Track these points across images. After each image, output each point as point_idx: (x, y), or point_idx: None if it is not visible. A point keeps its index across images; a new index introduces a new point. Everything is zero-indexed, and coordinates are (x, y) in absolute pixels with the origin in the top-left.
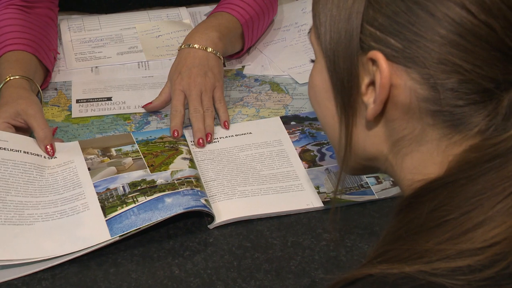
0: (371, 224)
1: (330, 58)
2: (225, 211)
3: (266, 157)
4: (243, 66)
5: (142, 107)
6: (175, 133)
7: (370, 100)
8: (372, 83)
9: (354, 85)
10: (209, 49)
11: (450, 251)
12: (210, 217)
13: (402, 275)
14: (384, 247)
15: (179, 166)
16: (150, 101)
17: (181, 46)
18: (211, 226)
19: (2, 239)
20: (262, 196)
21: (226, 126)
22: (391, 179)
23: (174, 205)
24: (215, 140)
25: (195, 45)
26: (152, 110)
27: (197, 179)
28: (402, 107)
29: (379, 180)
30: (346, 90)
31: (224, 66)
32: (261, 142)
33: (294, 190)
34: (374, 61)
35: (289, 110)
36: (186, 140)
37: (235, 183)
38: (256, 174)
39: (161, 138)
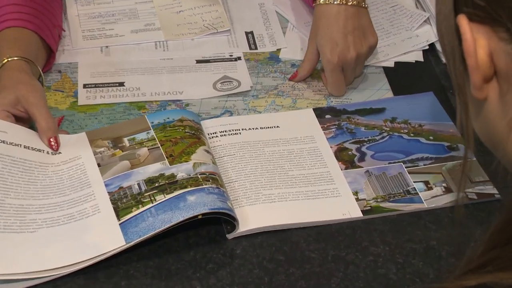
0: (427, 238)
1: (439, 32)
2: (250, 218)
3: (295, 155)
4: (279, 49)
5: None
6: None
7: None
8: None
9: (457, 59)
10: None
11: None
12: (231, 225)
13: None
14: (493, 253)
15: (202, 158)
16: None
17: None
18: (231, 236)
19: (1, 250)
20: (290, 202)
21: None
22: (444, 184)
23: (198, 204)
24: (236, 132)
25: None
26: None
27: (220, 178)
28: (506, 75)
29: (429, 186)
30: (452, 67)
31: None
32: (290, 137)
33: (328, 196)
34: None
35: (332, 102)
36: (203, 133)
37: (259, 184)
38: (284, 174)
39: (181, 120)
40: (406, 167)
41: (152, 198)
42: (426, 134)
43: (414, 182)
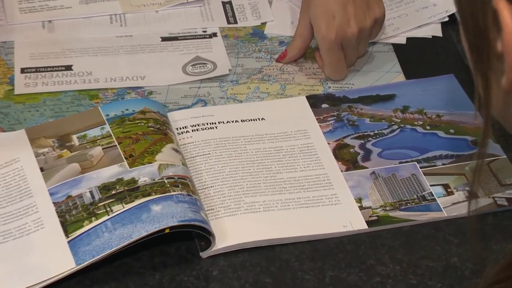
0: (447, 254)
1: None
2: (229, 232)
3: (285, 154)
4: (264, 23)
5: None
6: None
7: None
8: None
9: (484, 44)
10: None
11: None
12: (205, 240)
13: None
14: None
15: (170, 158)
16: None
17: None
18: (205, 254)
19: None
20: (278, 212)
21: None
22: (467, 188)
23: (164, 215)
24: (211, 126)
25: None
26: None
27: (192, 183)
28: None
29: (449, 190)
30: (476, 54)
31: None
32: (278, 132)
33: (325, 204)
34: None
35: (329, 88)
36: (170, 127)
37: (240, 191)
38: (270, 178)
39: (143, 112)
40: (421, 167)
41: (108, 209)
42: (446, 126)
43: (430, 185)
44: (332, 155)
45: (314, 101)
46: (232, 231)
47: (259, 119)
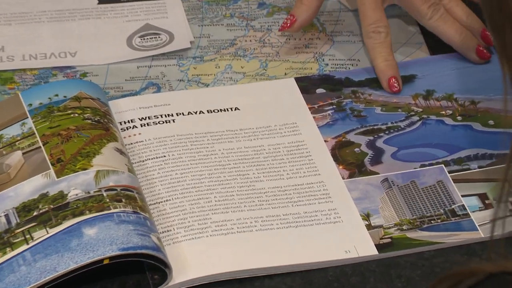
0: None
1: None
2: (191, 262)
3: (267, 155)
4: None
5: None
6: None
7: None
8: None
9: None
10: None
11: None
12: (159, 273)
13: None
14: None
15: (112, 163)
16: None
17: None
18: None
19: None
20: (259, 234)
21: None
22: None
23: (101, 241)
24: (167, 118)
25: None
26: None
27: (141, 196)
28: None
29: (487, 202)
30: (500, 37)
31: None
32: (258, 126)
33: (322, 222)
34: None
35: (326, 65)
36: (113, 120)
37: (206, 205)
38: (247, 188)
39: (77, 99)
40: (449, 172)
41: (28, 236)
42: (483, 116)
43: (462, 196)
44: (330, 156)
45: (306, 84)
46: (195, 260)
47: (231, 109)
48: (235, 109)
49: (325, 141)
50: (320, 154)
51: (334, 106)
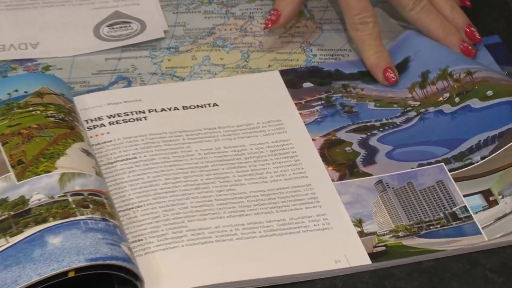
0: None
1: None
2: (165, 273)
3: (249, 156)
4: None
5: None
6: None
7: None
8: None
9: None
10: None
11: None
12: (131, 285)
13: None
14: None
15: (77, 164)
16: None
17: None
18: None
19: None
20: (239, 243)
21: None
22: None
23: (66, 251)
24: (138, 115)
25: None
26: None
27: (110, 202)
28: None
29: (491, 199)
30: None
31: None
32: (239, 124)
33: (309, 229)
34: None
35: (314, 56)
36: (78, 118)
37: (182, 212)
38: (227, 192)
39: (40, 94)
40: (450, 170)
41: None
42: (481, 88)
43: (464, 196)
44: (318, 156)
45: (292, 77)
46: (169, 272)
47: (209, 105)
48: (213, 105)
49: (313, 139)
50: (307, 154)
51: (323, 102)
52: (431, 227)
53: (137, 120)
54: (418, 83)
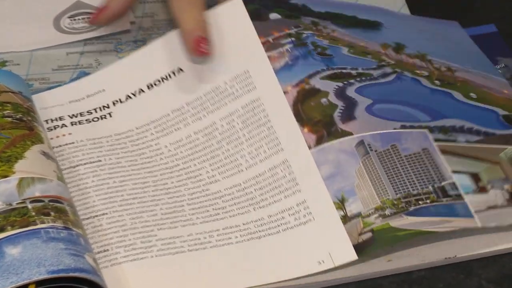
0: None
1: None
2: (134, 286)
3: (221, 138)
4: None
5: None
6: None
7: None
8: None
9: None
10: None
11: None
12: None
13: None
14: None
15: (37, 168)
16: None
17: None
18: None
19: None
20: (214, 251)
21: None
22: (507, 186)
23: (26, 262)
24: (103, 112)
25: None
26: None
27: (73, 209)
28: None
29: (481, 185)
30: None
31: None
32: (206, 92)
33: (290, 226)
34: None
35: None
36: (37, 118)
37: (151, 220)
38: (200, 194)
39: None
40: (435, 140)
41: None
42: (463, 87)
43: (453, 172)
44: (293, 116)
45: (257, 7)
46: (138, 285)
47: (174, 74)
48: (178, 71)
49: (284, 92)
50: (280, 116)
51: (293, 39)
52: (420, 201)
53: (102, 118)
54: (391, 46)
